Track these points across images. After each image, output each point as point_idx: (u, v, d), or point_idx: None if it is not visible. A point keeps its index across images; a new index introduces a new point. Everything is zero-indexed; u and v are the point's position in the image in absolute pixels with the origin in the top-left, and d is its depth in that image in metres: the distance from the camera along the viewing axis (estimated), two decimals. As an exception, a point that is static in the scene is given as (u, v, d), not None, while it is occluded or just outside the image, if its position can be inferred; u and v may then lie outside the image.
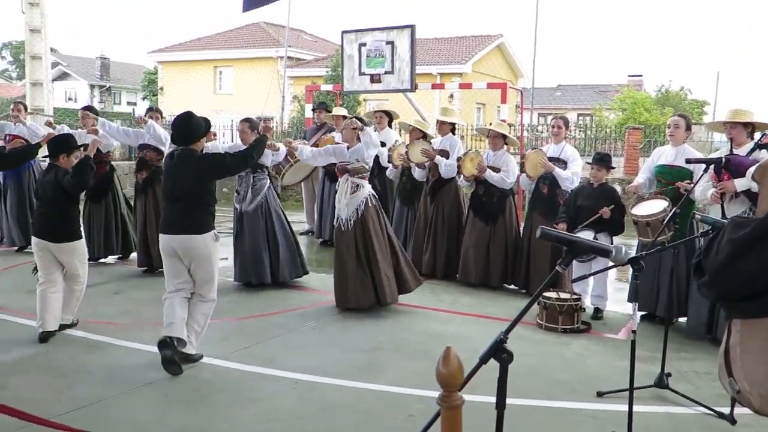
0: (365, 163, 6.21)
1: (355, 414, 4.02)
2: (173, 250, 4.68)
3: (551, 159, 6.80)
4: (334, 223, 6.36)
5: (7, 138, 8.40)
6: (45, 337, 5.17)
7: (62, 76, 45.94)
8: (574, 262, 6.31)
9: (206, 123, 4.92)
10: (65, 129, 7.84)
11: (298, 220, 11.58)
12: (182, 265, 4.72)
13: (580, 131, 23.18)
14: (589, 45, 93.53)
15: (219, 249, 4.86)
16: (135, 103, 45.06)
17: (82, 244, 5.50)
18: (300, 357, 4.95)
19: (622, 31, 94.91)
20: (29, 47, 15.22)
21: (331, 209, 9.42)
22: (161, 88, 34.44)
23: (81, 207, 7.73)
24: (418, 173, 7.89)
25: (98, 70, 47.83)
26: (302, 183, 10.43)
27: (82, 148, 5.70)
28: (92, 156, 5.51)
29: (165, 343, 4.53)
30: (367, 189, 6.25)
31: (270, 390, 4.33)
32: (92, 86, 47.48)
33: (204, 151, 5.18)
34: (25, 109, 9.05)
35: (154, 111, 7.72)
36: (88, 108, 7.92)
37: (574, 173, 6.71)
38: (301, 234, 9.73)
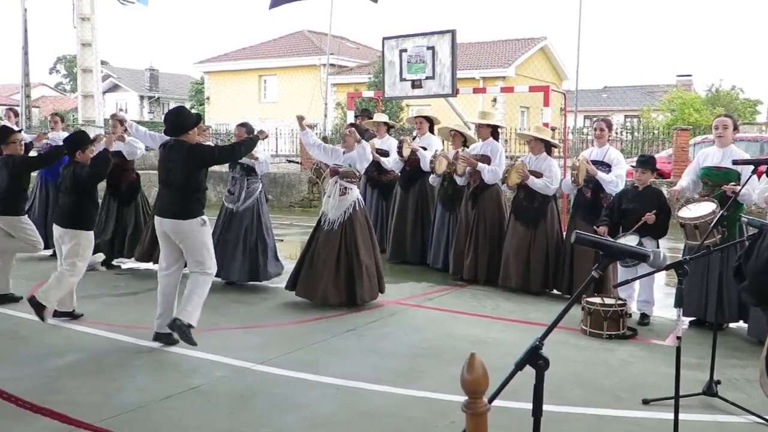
0: (356, 170, 6.52)
1: (396, 420, 4.02)
2: (164, 232, 5.16)
3: (594, 162, 6.69)
4: (322, 222, 6.58)
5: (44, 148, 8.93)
6: (30, 303, 5.58)
7: (113, 88, 47.22)
8: (619, 266, 6.21)
9: (197, 117, 5.37)
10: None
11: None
12: (175, 245, 5.18)
13: (627, 133, 22.77)
14: (636, 45, 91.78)
15: (208, 232, 5.26)
16: (182, 113, 45.91)
17: (87, 236, 5.85)
18: (340, 363, 4.97)
19: (671, 29, 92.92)
20: (81, 61, 15.70)
21: (373, 216, 9.47)
22: (208, 98, 35.10)
23: (113, 211, 8.14)
24: (459, 179, 7.87)
25: (147, 81, 49.03)
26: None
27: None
28: (110, 150, 6.08)
29: (173, 324, 5.06)
30: (355, 193, 6.56)
31: (311, 395, 4.35)
32: (142, 97, 48.68)
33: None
34: (62, 120, 9.78)
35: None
36: (115, 114, 8.45)
37: (618, 176, 6.57)
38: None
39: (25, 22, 16.21)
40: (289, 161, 18.18)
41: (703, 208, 5.49)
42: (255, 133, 6.19)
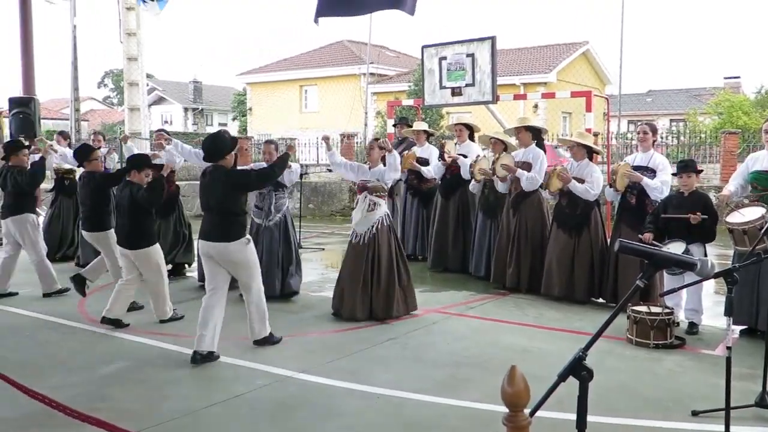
0: (384, 183, 6.53)
1: (439, 431, 3.99)
2: (209, 256, 5.27)
3: (639, 168, 6.56)
4: (350, 237, 6.65)
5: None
6: (108, 322, 6.08)
7: (159, 101, 48.29)
8: (666, 274, 6.06)
9: (233, 141, 5.44)
10: (134, 149, 8.34)
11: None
12: (219, 267, 5.29)
13: (672, 138, 22.31)
14: (682, 47, 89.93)
15: (253, 250, 5.36)
16: (226, 124, 46.73)
17: (153, 250, 6.13)
18: (383, 372, 4.96)
19: (717, 30, 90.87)
20: (127, 75, 16.07)
21: (413, 224, 9.47)
22: (250, 109, 35.61)
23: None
24: (500, 186, 7.81)
25: (191, 93, 50.00)
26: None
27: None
28: (165, 174, 6.39)
29: (194, 359, 5.08)
30: (383, 208, 6.55)
31: (353, 405, 4.36)
32: (186, 109, 49.65)
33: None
34: (104, 138, 10.21)
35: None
36: (162, 130, 8.67)
37: (663, 182, 6.42)
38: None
39: (74, 38, 16.69)
40: (330, 170, 18.28)
41: (752, 213, 5.34)
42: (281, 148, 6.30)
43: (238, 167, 5.83)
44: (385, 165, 6.46)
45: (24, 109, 11.16)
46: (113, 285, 6.39)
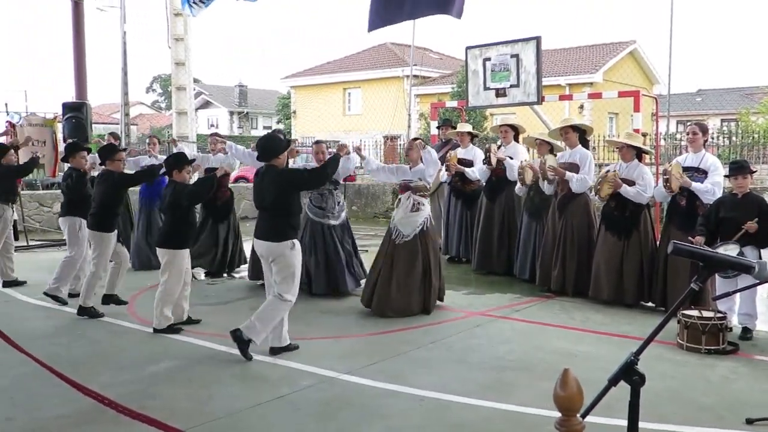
0: (426, 182, 6.54)
1: (483, 434, 3.96)
2: (261, 254, 5.38)
3: (689, 169, 6.40)
4: (393, 236, 6.69)
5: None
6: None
7: (205, 105, 49.15)
8: (718, 278, 5.89)
9: (286, 142, 5.56)
10: (185, 149, 8.45)
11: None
12: (269, 265, 5.37)
13: (724, 138, 21.72)
14: (733, 45, 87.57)
15: (298, 256, 5.33)
16: (270, 127, 47.28)
17: (180, 254, 6.08)
18: (426, 374, 4.94)
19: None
20: (175, 79, 16.37)
21: (457, 226, 9.42)
22: (294, 112, 35.95)
23: (207, 227, 8.47)
24: (547, 187, 7.70)
25: (237, 97, 50.79)
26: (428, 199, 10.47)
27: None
28: (218, 176, 6.34)
29: (235, 335, 5.22)
30: (427, 209, 6.63)
31: (397, 407, 4.35)
32: (231, 113, 50.45)
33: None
34: (159, 142, 10.11)
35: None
36: (215, 134, 8.84)
37: (715, 184, 6.24)
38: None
39: (124, 45, 17.09)
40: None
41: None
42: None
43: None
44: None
45: (76, 113, 11.49)
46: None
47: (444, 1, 6.63)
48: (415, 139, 7.07)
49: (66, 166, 7.73)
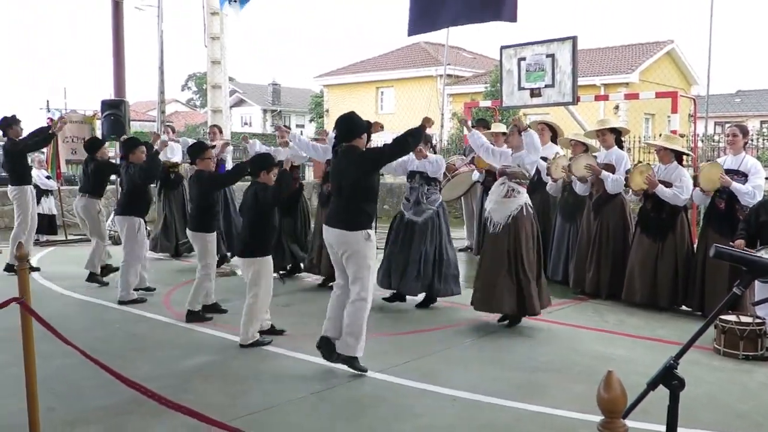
0: (526, 170, 6.07)
1: (515, 435, 3.95)
2: (330, 243, 5.01)
3: (729, 171, 6.29)
4: (487, 224, 6.22)
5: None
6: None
7: (239, 103, 49.62)
8: (757, 283, 5.78)
9: (367, 123, 5.19)
10: (257, 148, 8.44)
11: (458, 236, 11.61)
12: (339, 257, 4.99)
13: (764, 140, 21.27)
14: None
15: (372, 248, 4.93)
16: (303, 126, 47.59)
17: (268, 263, 5.70)
18: (459, 374, 4.94)
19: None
20: (210, 77, 16.57)
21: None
22: (327, 111, 36.10)
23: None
24: (579, 187, 7.62)
25: (270, 95, 51.17)
26: (461, 199, 10.45)
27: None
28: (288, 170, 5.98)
29: (321, 342, 5.03)
30: (524, 197, 6.07)
31: (428, 406, 4.35)
32: (265, 111, 50.84)
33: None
34: (220, 131, 10.04)
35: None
36: (283, 126, 8.56)
37: (756, 187, 6.13)
38: (460, 251, 9.72)
39: (161, 43, 17.32)
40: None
41: None
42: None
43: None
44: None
45: (115, 111, 11.68)
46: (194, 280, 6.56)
47: (493, 6, 6.31)
48: (504, 133, 6.69)
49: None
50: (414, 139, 5.04)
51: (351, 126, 5.03)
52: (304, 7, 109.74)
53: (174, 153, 10.09)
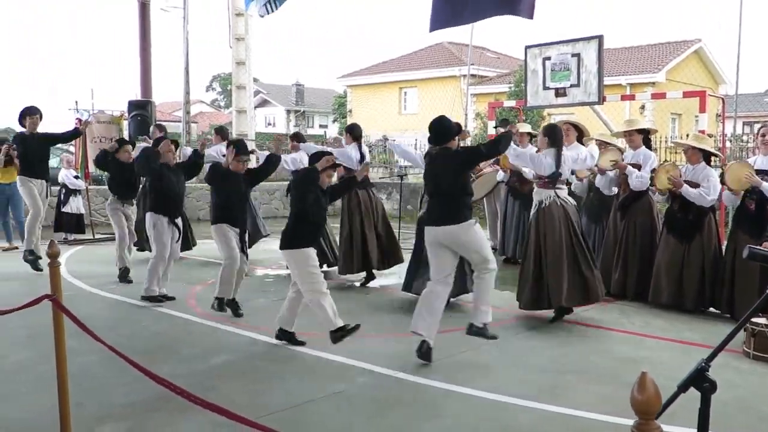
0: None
1: (540, 437, 3.91)
2: (438, 241, 5.26)
3: (759, 172, 6.18)
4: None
5: None
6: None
7: (263, 103, 49.90)
8: (788, 285, 5.69)
9: (458, 125, 5.48)
10: (312, 147, 8.41)
11: (481, 237, 11.55)
12: (447, 255, 5.27)
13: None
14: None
15: (481, 231, 5.30)
16: (326, 126, 47.73)
17: (301, 253, 5.54)
18: (482, 375, 4.91)
19: None
20: (235, 78, 16.68)
21: (514, 226, 9.32)
22: (350, 111, 36.17)
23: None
24: (600, 182, 7.53)
25: (294, 96, 51.40)
26: (485, 199, 10.41)
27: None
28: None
29: (472, 329, 5.35)
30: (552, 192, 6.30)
31: (452, 406, 4.33)
32: (288, 111, 51.07)
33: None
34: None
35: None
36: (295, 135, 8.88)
37: (788, 187, 6.03)
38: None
39: (186, 45, 17.50)
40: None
41: None
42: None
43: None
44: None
45: (141, 111, 11.84)
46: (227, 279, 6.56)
47: (512, 2, 6.42)
48: (529, 133, 6.82)
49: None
50: (506, 142, 5.49)
51: (444, 129, 5.33)
52: (332, 7, 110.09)
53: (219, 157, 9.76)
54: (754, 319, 5.33)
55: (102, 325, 6.18)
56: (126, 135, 11.76)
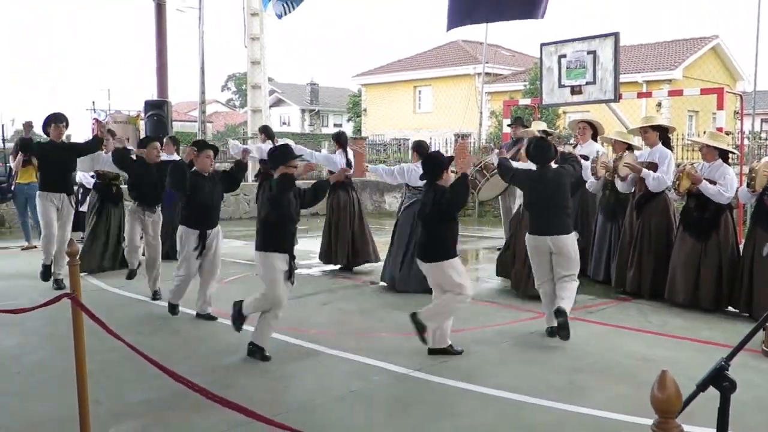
0: None
1: (557, 436, 3.90)
2: (544, 249, 5.78)
3: (778, 169, 6.12)
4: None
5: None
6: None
7: (277, 103, 50.06)
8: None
9: (555, 148, 6.03)
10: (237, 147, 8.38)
11: (497, 236, 11.52)
12: (548, 261, 5.81)
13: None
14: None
15: (576, 244, 5.82)
16: (341, 125, 47.79)
17: (450, 263, 5.32)
18: (499, 374, 4.90)
19: None
20: (250, 78, 16.75)
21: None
22: (365, 110, 36.22)
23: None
24: (621, 185, 7.49)
25: (308, 95, 51.51)
26: (499, 198, 10.37)
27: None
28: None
29: (558, 312, 5.56)
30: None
31: (469, 405, 4.33)
32: (303, 110, 51.20)
33: None
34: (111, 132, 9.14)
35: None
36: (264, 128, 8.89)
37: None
38: (498, 249, 9.64)
39: (202, 45, 17.58)
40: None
41: None
42: None
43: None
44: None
45: (158, 111, 11.90)
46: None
47: (529, 7, 6.48)
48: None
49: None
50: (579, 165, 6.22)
51: (544, 153, 5.86)
52: (341, 7, 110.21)
53: (262, 154, 8.86)
54: (773, 318, 5.27)
55: (120, 323, 6.22)
56: (143, 135, 11.82)
